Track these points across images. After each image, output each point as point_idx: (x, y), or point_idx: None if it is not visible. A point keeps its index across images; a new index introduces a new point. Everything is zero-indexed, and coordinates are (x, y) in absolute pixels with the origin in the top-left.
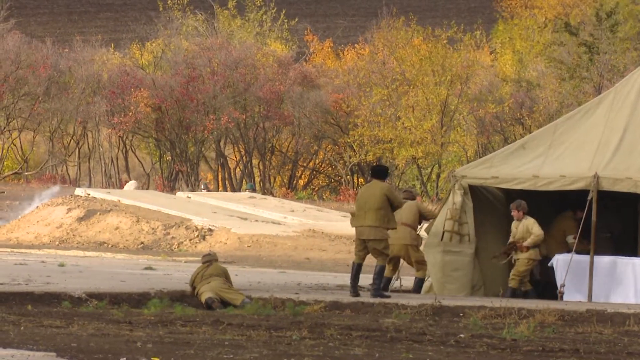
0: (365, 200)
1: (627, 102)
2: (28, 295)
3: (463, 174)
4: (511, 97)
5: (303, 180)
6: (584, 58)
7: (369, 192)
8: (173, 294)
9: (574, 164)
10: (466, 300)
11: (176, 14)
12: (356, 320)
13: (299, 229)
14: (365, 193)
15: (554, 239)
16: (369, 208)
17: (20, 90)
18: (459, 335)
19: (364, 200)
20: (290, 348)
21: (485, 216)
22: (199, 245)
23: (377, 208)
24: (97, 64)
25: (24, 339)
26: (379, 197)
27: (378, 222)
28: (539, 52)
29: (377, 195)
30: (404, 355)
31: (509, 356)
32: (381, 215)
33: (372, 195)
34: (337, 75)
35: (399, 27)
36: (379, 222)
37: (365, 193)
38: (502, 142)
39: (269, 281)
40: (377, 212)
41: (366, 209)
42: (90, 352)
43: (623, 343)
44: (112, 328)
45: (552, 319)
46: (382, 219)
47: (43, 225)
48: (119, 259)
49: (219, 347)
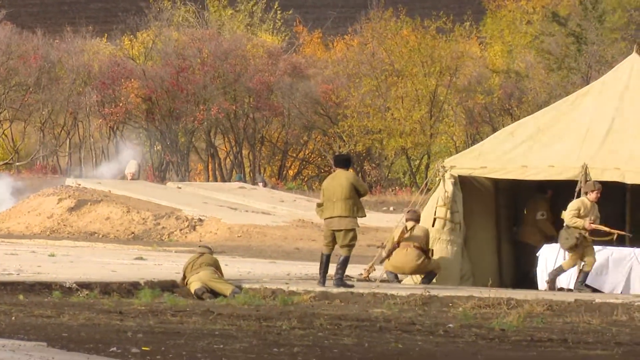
0: (332, 192)
1: (614, 93)
2: (19, 285)
3: (452, 164)
4: (500, 88)
5: (293, 170)
6: (572, 49)
7: (334, 182)
8: (163, 284)
9: (562, 154)
10: (455, 291)
11: (166, 5)
12: (345, 310)
13: (289, 219)
14: (331, 184)
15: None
16: (337, 198)
17: (11, 81)
18: (447, 325)
19: (331, 191)
20: (280, 338)
21: (474, 206)
22: (189, 235)
23: (346, 198)
24: (88, 54)
25: (15, 328)
26: (346, 187)
27: (347, 212)
28: (528, 44)
29: (344, 185)
30: (393, 345)
31: (497, 346)
32: (350, 205)
33: (338, 185)
34: (326, 66)
35: (388, 18)
36: (348, 211)
37: (331, 184)
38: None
39: (259, 271)
40: (346, 202)
41: (334, 199)
42: (81, 342)
43: (611, 333)
44: (103, 318)
45: (540, 309)
46: (351, 209)
47: (34, 216)
48: (109, 249)
49: (209, 337)
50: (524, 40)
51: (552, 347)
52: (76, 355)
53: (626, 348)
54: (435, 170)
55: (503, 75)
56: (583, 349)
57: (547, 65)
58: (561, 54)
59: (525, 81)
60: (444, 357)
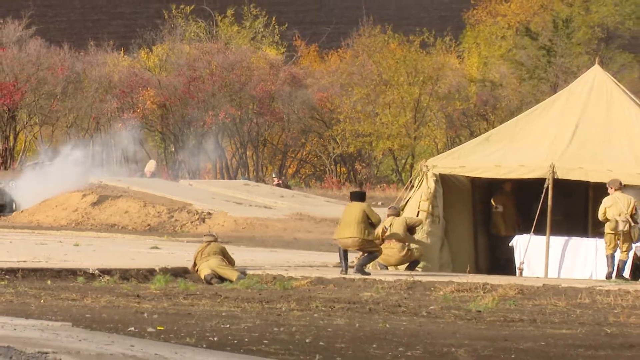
0: (348, 216)
1: (579, 101)
2: (47, 271)
3: (434, 164)
4: (476, 96)
5: (292, 169)
6: (543, 61)
7: (351, 209)
8: (176, 270)
9: (532, 155)
10: (436, 276)
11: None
12: (339, 293)
13: (288, 212)
14: (348, 210)
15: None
16: (351, 222)
17: (40, 90)
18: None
19: (348, 216)
20: (280, 318)
21: (453, 201)
22: (199, 227)
23: (358, 222)
24: (109, 66)
25: (43, 310)
26: (359, 214)
27: (359, 234)
28: (502, 56)
29: (357, 212)
30: (381, 324)
31: (474, 326)
32: (362, 228)
33: (353, 212)
34: (322, 76)
35: (377, 34)
36: (360, 234)
37: (348, 210)
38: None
39: (261, 259)
40: (359, 226)
41: (349, 222)
42: (102, 322)
43: (575, 314)
44: (122, 301)
45: (512, 293)
46: (362, 231)
47: (61, 210)
48: (128, 239)
49: (217, 318)
50: (498, 53)
51: (522, 327)
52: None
53: (588, 327)
54: (419, 169)
55: (479, 84)
56: (550, 328)
57: (519, 75)
58: (532, 65)
59: (499, 90)
60: (426, 336)
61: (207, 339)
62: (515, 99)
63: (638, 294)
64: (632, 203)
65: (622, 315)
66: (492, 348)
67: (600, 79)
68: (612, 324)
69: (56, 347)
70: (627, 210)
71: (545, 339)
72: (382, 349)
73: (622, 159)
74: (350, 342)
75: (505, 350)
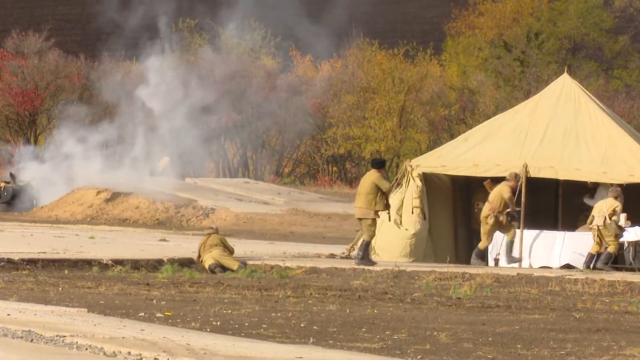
0: (360, 187)
1: (549, 105)
2: (65, 262)
3: (417, 164)
4: (456, 102)
5: (288, 168)
6: (517, 70)
7: (364, 180)
8: (182, 260)
9: (507, 155)
10: (420, 266)
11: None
12: (331, 282)
13: (285, 208)
14: (362, 180)
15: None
16: (360, 192)
17: (59, 96)
18: (414, 295)
19: (360, 186)
20: (278, 304)
21: (435, 198)
22: (203, 221)
23: (366, 193)
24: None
25: (61, 297)
26: (368, 185)
27: (366, 205)
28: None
29: (366, 183)
30: (369, 310)
31: (454, 311)
32: (369, 199)
33: (363, 183)
34: (315, 84)
35: (366, 46)
36: (366, 204)
37: (362, 180)
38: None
39: (260, 250)
40: (367, 197)
41: (359, 193)
42: (115, 308)
43: (546, 300)
44: (133, 288)
45: (489, 281)
46: (369, 203)
47: (77, 205)
48: (138, 233)
49: (220, 304)
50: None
51: (499, 312)
52: (111, 319)
53: (559, 313)
54: (404, 168)
55: (459, 91)
56: (524, 313)
57: (495, 83)
58: (507, 74)
59: (477, 96)
60: (411, 320)
61: (210, 324)
62: (491, 104)
63: (604, 283)
64: (613, 207)
65: (589, 301)
66: (471, 332)
67: (569, 85)
68: (580, 309)
69: (73, 331)
70: (606, 210)
71: (520, 323)
72: (371, 332)
73: (589, 158)
74: (341, 326)
75: (483, 334)
